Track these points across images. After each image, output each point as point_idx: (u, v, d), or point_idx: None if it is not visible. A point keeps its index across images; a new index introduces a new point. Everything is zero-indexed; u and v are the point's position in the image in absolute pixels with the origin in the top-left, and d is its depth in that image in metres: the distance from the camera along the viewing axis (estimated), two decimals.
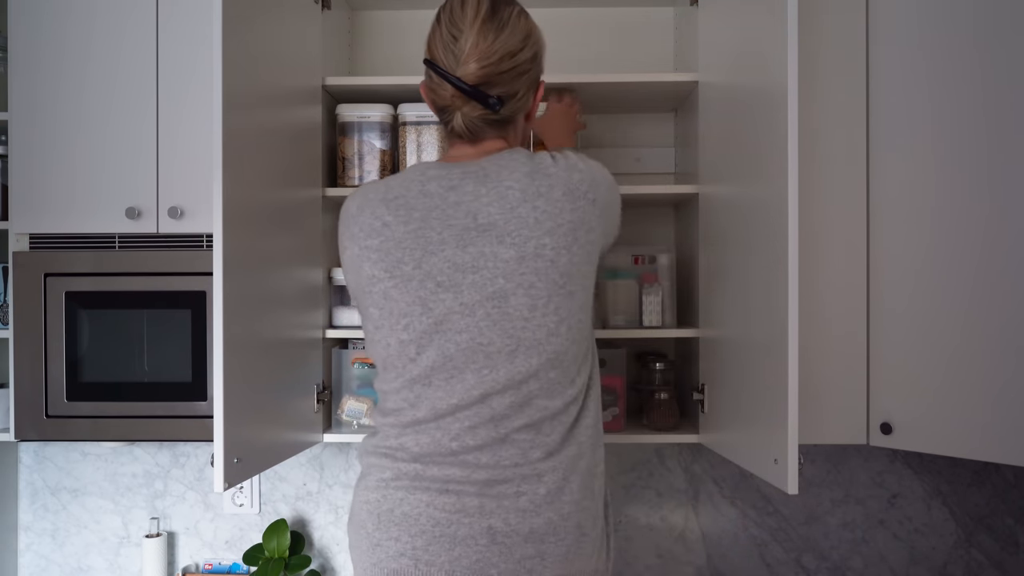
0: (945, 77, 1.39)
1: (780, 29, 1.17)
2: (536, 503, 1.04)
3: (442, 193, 1.06)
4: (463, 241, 1.03)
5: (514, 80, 1.06)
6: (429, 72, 1.08)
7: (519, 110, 1.10)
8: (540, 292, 1.03)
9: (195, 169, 1.60)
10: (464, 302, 1.03)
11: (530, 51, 1.07)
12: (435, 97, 1.09)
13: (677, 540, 1.90)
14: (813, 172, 1.51)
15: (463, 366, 1.04)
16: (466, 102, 1.05)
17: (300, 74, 1.49)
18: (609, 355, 1.67)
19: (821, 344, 1.52)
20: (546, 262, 1.03)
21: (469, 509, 1.03)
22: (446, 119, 1.09)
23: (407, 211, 1.06)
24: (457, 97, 1.05)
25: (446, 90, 1.05)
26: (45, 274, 1.59)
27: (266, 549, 1.83)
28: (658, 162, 1.88)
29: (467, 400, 1.04)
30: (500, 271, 1.02)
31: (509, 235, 1.02)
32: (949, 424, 1.39)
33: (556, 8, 1.88)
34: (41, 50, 1.60)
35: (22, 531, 1.93)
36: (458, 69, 1.03)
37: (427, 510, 1.04)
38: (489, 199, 1.04)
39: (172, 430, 1.59)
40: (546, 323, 1.03)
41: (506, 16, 1.05)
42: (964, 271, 1.37)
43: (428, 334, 1.04)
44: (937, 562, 1.86)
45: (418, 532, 1.04)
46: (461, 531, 1.03)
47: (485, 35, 1.03)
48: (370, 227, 1.07)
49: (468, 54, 1.02)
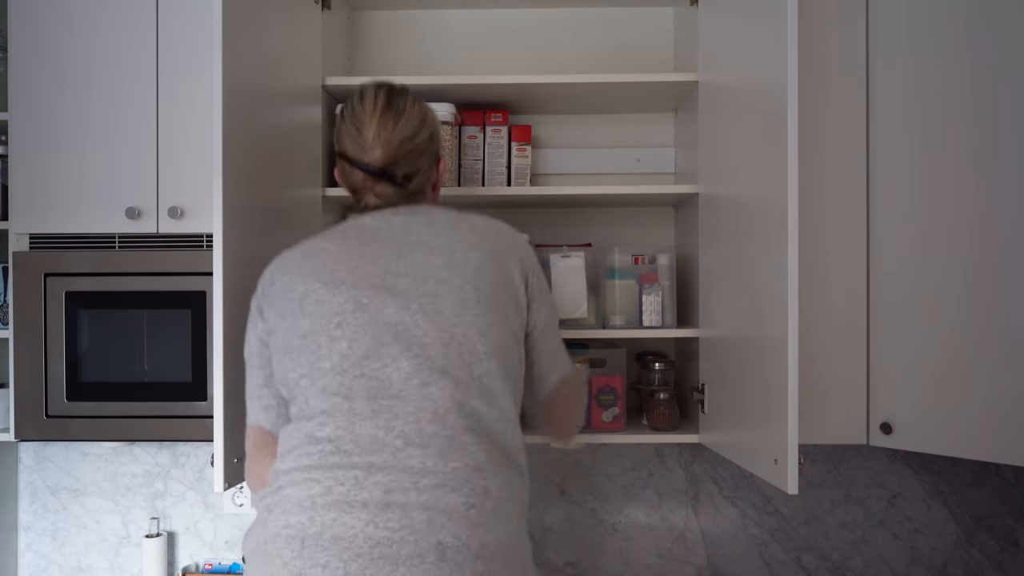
0: (945, 77, 1.39)
1: (780, 29, 1.17)
2: (486, 518, 1.00)
3: (375, 224, 1.14)
4: (396, 254, 1.10)
5: (416, 159, 1.18)
6: (342, 163, 1.19)
7: (425, 184, 1.22)
8: (469, 295, 1.08)
9: (195, 169, 1.60)
10: (397, 297, 1.06)
11: (426, 132, 1.19)
12: (349, 182, 1.19)
13: (677, 540, 1.90)
14: (813, 172, 1.51)
15: (398, 354, 1.03)
16: (376, 182, 1.16)
17: (300, 74, 1.49)
18: (609, 355, 1.67)
19: (821, 344, 1.52)
20: (473, 270, 1.09)
21: (416, 525, 0.96)
22: (360, 198, 1.19)
23: (342, 238, 1.13)
24: (368, 179, 1.16)
25: (358, 175, 1.17)
26: (45, 274, 1.59)
27: None
28: (658, 162, 1.88)
29: (407, 390, 1.02)
30: (431, 274, 1.08)
31: (439, 248, 1.10)
32: (949, 424, 1.39)
33: (556, 8, 1.88)
34: (41, 50, 1.60)
35: (22, 531, 1.93)
36: (365, 156, 1.15)
37: (365, 529, 0.96)
38: (419, 224, 1.13)
39: (172, 430, 1.59)
40: (476, 323, 1.07)
41: (401, 105, 1.17)
42: (964, 271, 1.37)
43: (362, 327, 1.05)
44: (937, 562, 1.86)
45: (352, 556, 0.95)
46: (405, 550, 0.95)
47: (384, 124, 1.15)
48: (304, 254, 1.12)
49: (372, 142, 1.14)
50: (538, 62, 1.88)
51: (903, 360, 1.45)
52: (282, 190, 1.39)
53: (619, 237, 1.87)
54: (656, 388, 1.69)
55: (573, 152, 1.89)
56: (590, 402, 1.65)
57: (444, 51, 1.89)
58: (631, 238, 1.88)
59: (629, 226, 1.89)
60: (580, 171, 1.88)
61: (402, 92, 1.19)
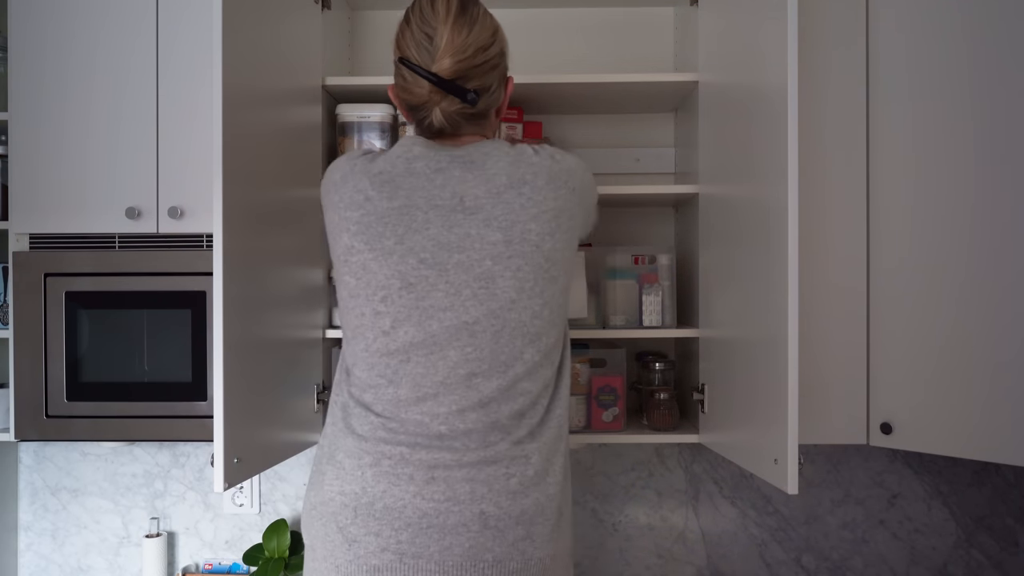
0: (946, 76, 1.39)
1: (780, 29, 1.17)
2: (525, 484, 1.04)
3: (428, 174, 1.06)
4: (449, 222, 1.04)
5: (487, 74, 1.08)
6: (401, 72, 1.09)
7: (493, 104, 1.13)
8: (527, 276, 1.04)
9: (195, 169, 1.60)
10: (450, 280, 1.03)
11: (499, 46, 1.11)
12: (409, 97, 1.09)
13: (677, 540, 1.90)
14: (813, 172, 1.51)
15: (446, 343, 1.03)
16: (444, 97, 1.06)
17: (300, 74, 1.49)
18: (609, 355, 1.67)
19: (821, 344, 1.52)
20: (531, 247, 1.05)
21: (460, 496, 1.02)
22: (422, 116, 1.09)
23: (392, 188, 1.06)
24: (435, 92, 1.05)
25: (421, 87, 1.06)
26: (45, 274, 1.59)
27: (266, 549, 1.83)
28: (658, 162, 1.88)
29: (452, 379, 1.03)
30: (487, 253, 1.03)
31: (496, 219, 1.04)
32: (949, 424, 1.39)
33: (556, 8, 1.88)
34: (41, 50, 1.60)
35: (22, 531, 1.93)
36: (434, 65, 1.04)
37: (413, 501, 1.01)
38: (476, 183, 1.05)
39: (172, 430, 1.59)
40: (531, 306, 1.05)
41: (475, 13, 1.08)
42: (964, 271, 1.37)
43: (407, 309, 1.03)
44: (937, 562, 1.86)
45: (403, 525, 1.01)
46: (451, 519, 1.01)
47: (458, 31, 1.04)
48: (351, 199, 1.07)
49: (444, 50, 1.04)
50: (538, 62, 1.88)
51: (903, 360, 1.45)
52: (282, 190, 1.39)
53: (619, 237, 1.87)
54: (656, 388, 1.69)
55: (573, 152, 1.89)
56: (590, 402, 1.65)
57: None
58: (631, 238, 1.88)
59: (629, 226, 1.89)
60: None
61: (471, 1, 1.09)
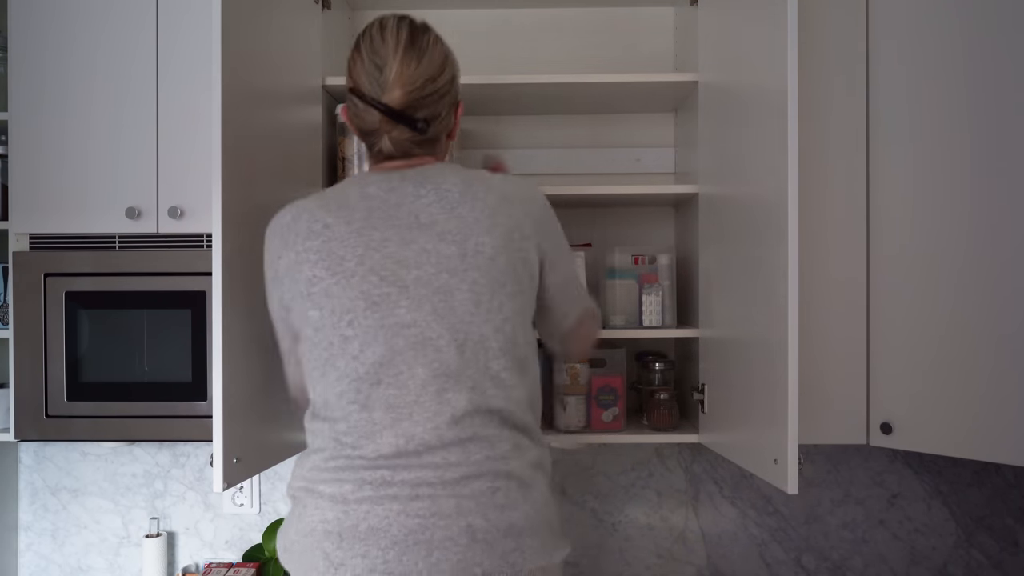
0: (946, 77, 1.39)
1: (780, 29, 1.17)
2: (511, 498, 1.03)
3: (382, 195, 1.08)
4: (405, 238, 1.05)
5: (436, 103, 1.10)
6: (353, 100, 1.11)
7: (443, 130, 1.15)
8: (483, 289, 1.04)
9: (195, 169, 1.60)
10: (411, 296, 1.03)
11: (448, 74, 1.12)
12: (360, 123, 1.11)
13: (677, 540, 1.90)
14: (813, 172, 1.51)
15: (412, 361, 1.02)
16: (394, 126, 1.09)
17: (300, 74, 1.49)
18: (609, 355, 1.67)
19: (821, 344, 1.52)
20: (486, 259, 1.05)
21: (445, 511, 1.00)
22: (372, 142, 1.12)
23: (348, 212, 1.07)
24: (385, 122, 1.08)
25: (372, 116, 1.09)
26: (45, 274, 1.59)
27: (266, 549, 1.83)
28: (658, 162, 1.88)
29: (423, 397, 1.02)
30: (444, 267, 1.04)
31: (450, 232, 1.05)
32: (949, 424, 1.39)
33: (556, 8, 1.88)
34: (41, 50, 1.60)
35: (22, 531, 1.93)
36: (384, 96, 1.07)
37: (398, 519, 1.00)
38: (429, 200, 1.07)
39: (172, 430, 1.59)
40: (491, 320, 1.05)
41: (424, 43, 1.09)
42: (965, 271, 1.37)
43: (373, 329, 1.03)
44: (937, 562, 1.86)
45: (389, 544, 0.99)
46: (438, 534, 0.99)
47: (407, 63, 1.07)
48: (309, 230, 1.07)
49: (393, 82, 1.06)
50: (538, 62, 1.88)
51: (903, 360, 1.45)
52: (282, 190, 1.39)
53: (619, 237, 1.87)
54: (656, 388, 1.69)
55: (573, 152, 1.89)
56: (590, 402, 1.65)
57: None
58: (631, 238, 1.88)
59: (629, 226, 1.89)
60: (580, 171, 1.88)
61: (425, 29, 1.11)
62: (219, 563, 1.88)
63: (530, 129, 1.89)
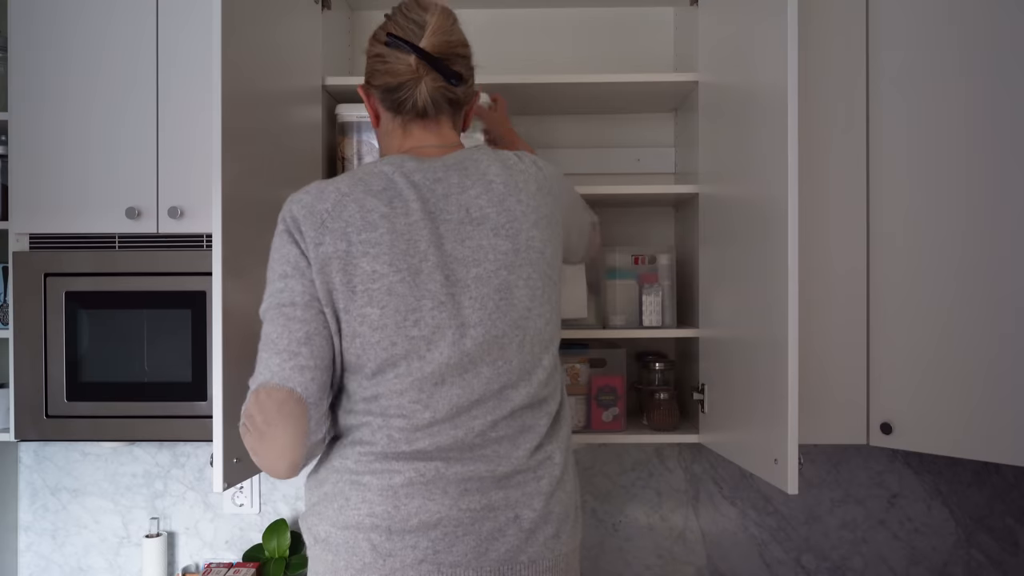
0: (946, 77, 1.39)
1: (780, 29, 1.17)
2: (553, 485, 1.07)
3: (429, 185, 1.05)
4: (460, 235, 1.04)
5: (466, 65, 1.13)
6: (382, 55, 1.08)
7: (468, 97, 1.15)
8: (537, 283, 1.06)
9: (195, 169, 1.60)
10: (473, 296, 1.02)
11: (470, 49, 1.15)
12: (390, 77, 1.08)
13: (677, 540, 1.90)
14: (813, 172, 1.51)
15: (479, 360, 1.02)
16: (428, 71, 1.07)
17: (300, 74, 1.49)
18: (609, 355, 1.67)
19: (821, 344, 1.52)
20: (536, 253, 1.06)
21: (495, 503, 1.03)
22: (403, 96, 1.09)
23: (403, 203, 1.03)
24: (421, 66, 1.07)
25: (404, 64, 1.07)
26: (45, 274, 1.59)
27: (266, 549, 1.83)
28: (658, 162, 1.88)
29: (486, 394, 1.03)
30: (502, 263, 1.04)
31: (503, 227, 1.05)
32: (949, 424, 1.39)
33: (556, 8, 1.88)
34: (41, 50, 1.60)
35: (22, 531, 1.93)
36: (423, 41, 1.06)
37: (449, 513, 1.01)
38: (476, 192, 1.06)
39: (172, 430, 1.59)
40: (543, 312, 1.07)
41: (456, 20, 1.14)
42: (964, 273, 1.37)
43: (441, 329, 1.01)
44: (937, 562, 1.86)
45: (440, 536, 1.00)
46: (487, 526, 1.02)
47: (445, 18, 1.10)
48: (364, 220, 1.01)
49: (432, 29, 1.07)
50: (538, 62, 1.88)
51: (903, 360, 1.45)
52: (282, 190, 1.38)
53: (619, 237, 1.87)
54: (656, 388, 1.69)
55: (573, 152, 1.89)
56: (590, 402, 1.65)
57: None
58: (631, 238, 1.88)
59: (629, 226, 1.89)
60: (580, 171, 1.88)
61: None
62: (219, 563, 1.88)
63: (530, 129, 1.89)
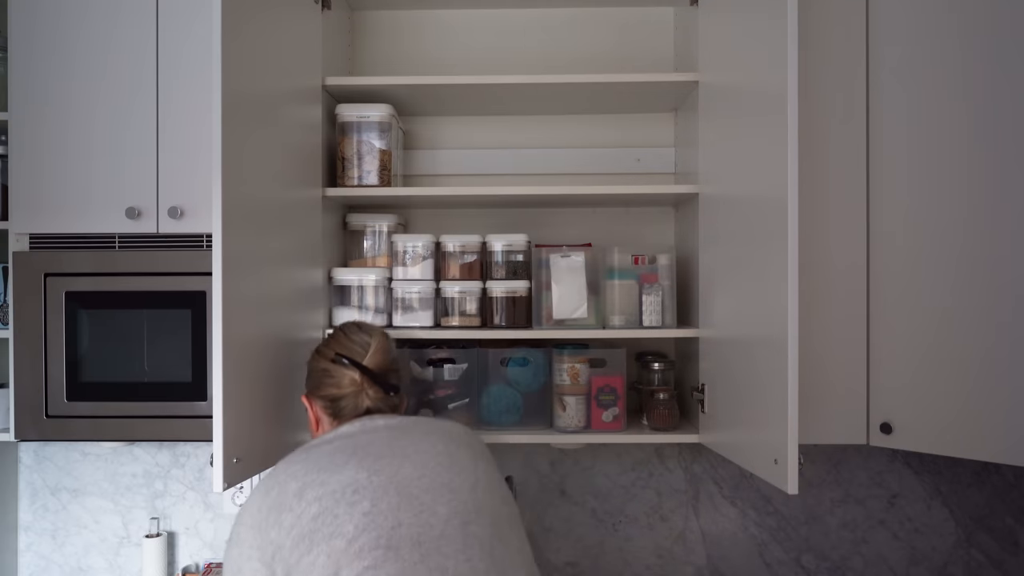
0: (946, 76, 1.39)
1: (780, 29, 1.17)
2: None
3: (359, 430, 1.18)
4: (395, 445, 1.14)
5: (398, 377, 1.32)
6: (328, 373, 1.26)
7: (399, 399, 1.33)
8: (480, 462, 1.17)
9: (195, 169, 1.60)
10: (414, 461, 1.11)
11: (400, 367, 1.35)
12: (335, 389, 1.26)
13: (677, 540, 1.90)
14: (813, 172, 1.51)
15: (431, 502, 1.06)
16: (372, 385, 1.26)
17: (300, 74, 1.49)
18: (609, 355, 1.67)
19: (821, 343, 1.52)
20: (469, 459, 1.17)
21: None
22: (346, 404, 1.25)
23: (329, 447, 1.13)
24: (366, 381, 1.25)
25: (349, 378, 1.25)
26: (45, 274, 1.59)
27: None
28: (658, 162, 1.88)
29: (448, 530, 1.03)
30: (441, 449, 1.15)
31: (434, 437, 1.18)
32: (949, 424, 1.39)
33: (557, 8, 1.88)
34: (41, 50, 1.60)
35: (22, 531, 1.93)
36: (366, 359, 1.27)
37: None
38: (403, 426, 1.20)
39: (172, 430, 1.59)
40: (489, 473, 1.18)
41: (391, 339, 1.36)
42: (965, 272, 1.37)
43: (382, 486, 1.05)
44: (937, 562, 1.86)
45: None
46: None
47: (385, 339, 1.32)
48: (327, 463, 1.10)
49: (375, 350, 1.28)
50: (538, 62, 1.88)
51: (903, 360, 1.45)
52: (282, 190, 1.39)
53: (619, 237, 1.87)
54: (656, 388, 1.69)
55: (573, 152, 1.89)
56: (590, 402, 1.65)
57: (444, 51, 1.89)
58: (631, 238, 1.88)
59: (629, 226, 1.89)
60: (580, 171, 1.88)
61: None
62: (219, 563, 1.88)
63: (530, 129, 1.89)
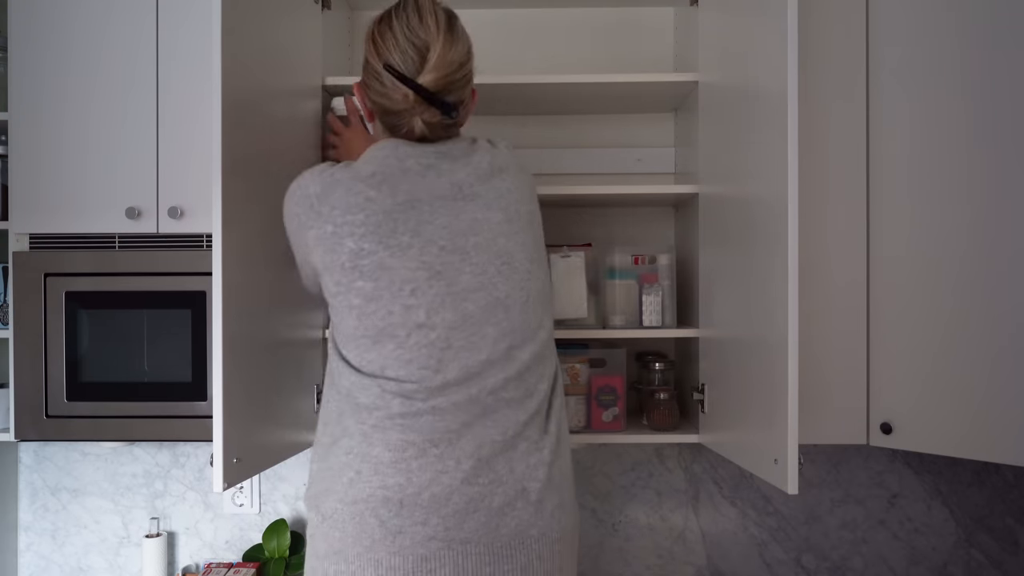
0: (946, 77, 1.39)
1: (780, 29, 1.17)
2: (552, 452, 1.09)
3: (420, 170, 1.10)
4: (454, 210, 1.08)
5: (464, 87, 1.13)
6: (379, 77, 1.10)
7: (466, 116, 1.18)
8: (532, 249, 1.13)
9: (195, 169, 1.60)
10: (474, 262, 1.07)
11: (471, 61, 1.14)
12: (387, 102, 1.11)
13: (677, 540, 1.90)
14: (813, 172, 1.51)
15: (483, 321, 1.06)
16: (426, 108, 1.09)
17: (300, 74, 1.48)
18: (609, 355, 1.67)
19: (821, 344, 1.52)
20: (526, 223, 1.13)
21: (502, 476, 1.04)
22: (399, 123, 1.12)
23: (390, 186, 1.08)
24: (418, 102, 1.08)
25: (401, 94, 1.08)
26: (45, 274, 1.59)
27: (266, 549, 1.83)
28: (658, 162, 1.88)
29: (494, 355, 1.06)
30: (498, 232, 1.09)
31: (495, 201, 1.11)
32: (949, 424, 1.39)
33: (556, 8, 1.88)
34: (41, 50, 1.60)
35: (22, 531, 1.93)
36: (420, 77, 1.07)
37: (460, 487, 1.03)
38: (465, 173, 1.11)
39: (172, 430, 1.59)
40: (540, 275, 1.14)
41: (458, 28, 1.12)
42: (965, 271, 1.37)
43: (440, 296, 1.05)
44: (937, 562, 1.86)
45: (450, 513, 1.03)
46: (496, 501, 1.04)
47: (448, 47, 1.08)
48: (349, 203, 1.07)
49: (433, 64, 1.06)
50: (538, 62, 1.88)
51: (903, 360, 1.45)
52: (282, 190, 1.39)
53: (619, 237, 1.87)
54: (656, 388, 1.69)
55: (573, 152, 1.89)
56: (590, 402, 1.65)
57: None
58: (631, 238, 1.88)
59: (629, 226, 1.89)
60: (580, 171, 1.88)
61: (454, 15, 1.14)
62: (219, 563, 1.88)
63: (530, 129, 1.89)
